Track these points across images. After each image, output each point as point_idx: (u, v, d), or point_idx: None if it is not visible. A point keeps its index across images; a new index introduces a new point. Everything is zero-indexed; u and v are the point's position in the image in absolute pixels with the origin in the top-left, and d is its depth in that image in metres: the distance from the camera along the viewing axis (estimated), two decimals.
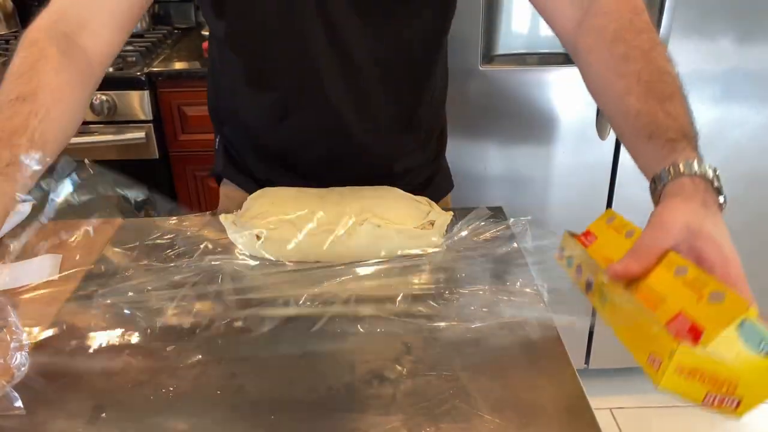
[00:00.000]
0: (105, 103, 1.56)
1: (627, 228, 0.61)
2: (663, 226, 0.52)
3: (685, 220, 0.51)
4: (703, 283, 0.46)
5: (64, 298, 0.70)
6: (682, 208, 0.53)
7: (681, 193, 0.54)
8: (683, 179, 0.55)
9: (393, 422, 0.54)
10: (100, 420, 0.54)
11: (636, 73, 0.63)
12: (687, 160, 0.56)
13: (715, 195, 0.55)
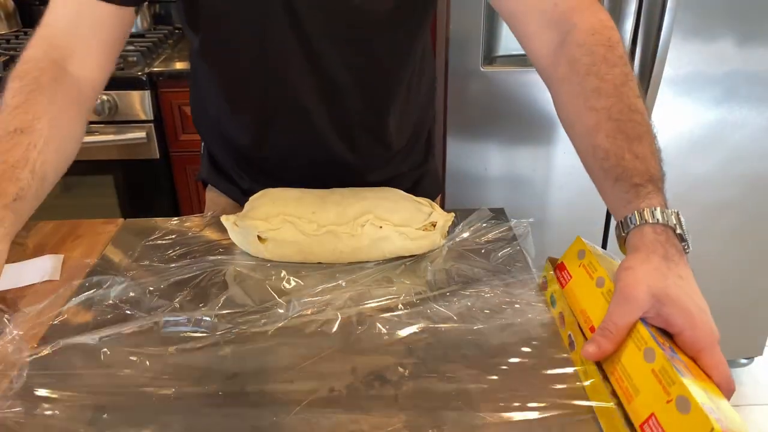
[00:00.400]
0: (106, 102, 1.56)
1: (597, 273, 0.63)
2: (628, 300, 0.53)
3: (648, 287, 0.53)
4: (670, 380, 0.48)
5: (65, 298, 0.70)
6: (644, 272, 0.54)
7: (642, 246, 0.56)
8: (645, 228, 0.57)
9: (395, 424, 0.53)
10: (102, 421, 0.54)
11: (607, 110, 0.63)
12: (650, 207, 0.57)
13: (677, 242, 0.56)
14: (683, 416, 0.45)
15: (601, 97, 0.64)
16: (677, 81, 1.46)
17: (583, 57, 0.67)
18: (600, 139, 0.62)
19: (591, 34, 0.68)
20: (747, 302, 1.73)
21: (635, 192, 0.59)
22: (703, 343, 0.52)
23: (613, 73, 0.65)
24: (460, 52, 1.43)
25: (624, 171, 0.60)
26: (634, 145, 0.61)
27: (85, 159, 1.62)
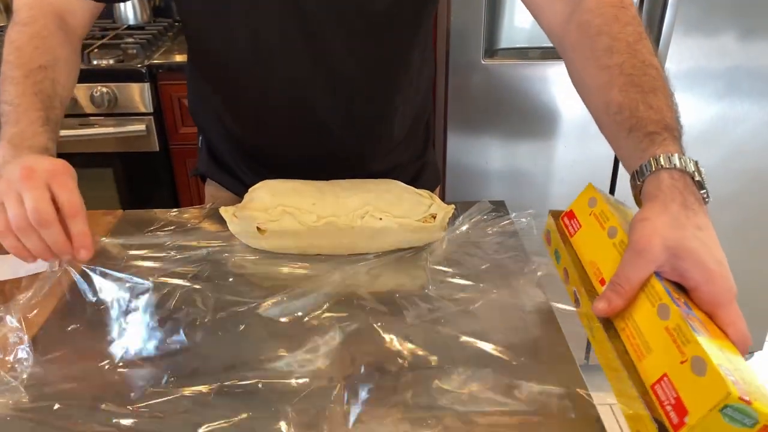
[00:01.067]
0: (105, 95, 1.55)
1: (609, 223, 0.60)
2: (642, 254, 0.51)
3: (663, 239, 0.50)
4: (685, 338, 0.45)
5: (63, 289, 0.70)
6: (661, 223, 0.51)
7: (659, 193, 0.53)
8: (662, 174, 0.54)
9: (394, 414, 0.53)
10: (100, 411, 0.54)
11: (619, 66, 0.62)
12: (666, 153, 0.55)
13: (696, 190, 0.54)
14: (698, 378, 0.42)
15: (613, 55, 0.62)
16: (679, 76, 1.46)
17: (594, 19, 0.66)
18: (613, 94, 0.60)
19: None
20: (748, 297, 1.71)
21: (650, 140, 0.56)
22: (721, 298, 0.49)
23: (625, 31, 0.64)
24: (461, 45, 1.43)
25: (638, 121, 0.58)
26: (649, 97, 0.59)
27: (85, 151, 1.63)
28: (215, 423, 0.52)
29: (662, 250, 0.50)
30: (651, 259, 0.50)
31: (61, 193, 0.64)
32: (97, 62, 1.58)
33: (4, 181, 0.64)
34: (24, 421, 0.53)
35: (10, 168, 0.65)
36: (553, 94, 1.48)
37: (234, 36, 0.78)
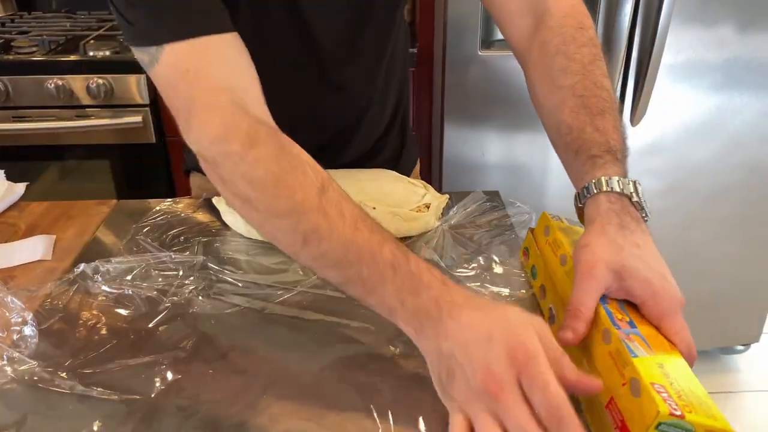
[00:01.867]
0: (102, 86, 1.55)
1: (560, 251, 0.63)
2: (589, 280, 0.53)
3: (606, 263, 0.52)
4: (623, 361, 0.47)
5: (57, 278, 0.70)
6: (600, 247, 0.53)
7: (597, 216, 0.56)
8: (600, 197, 0.57)
9: (386, 400, 0.53)
10: (91, 398, 0.54)
11: (571, 87, 0.64)
12: (605, 176, 0.57)
13: (634, 210, 0.56)
14: (635, 399, 0.45)
15: (567, 75, 0.64)
16: (676, 67, 1.45)
17: (553, 38, 0.68)
18: (565, 116, 0.63)
19: (562, 17, 0.69)
20: (745, 289, 1.73)
21: (592, 163, 0.59)
22: (665, 310, 0.52)
23: (581, 52, 0.66)
24: (457, 37, 1.42)
25: (583, 143, 0.60)
26: (597, 119, 0.61)
27: (81, 143, 1.62)
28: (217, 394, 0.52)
29: (607, 273, 0.52)
30: (598, 284, 0.53)
31: (532, 392, 0.45)
32: (94, 53, 1.58)
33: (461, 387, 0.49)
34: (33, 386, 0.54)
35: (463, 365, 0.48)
36: None
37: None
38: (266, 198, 0.56)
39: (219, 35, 0.61)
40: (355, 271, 0.53)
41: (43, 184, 1.70)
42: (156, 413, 0.52)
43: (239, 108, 0.59)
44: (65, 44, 1.65)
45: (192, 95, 0.59)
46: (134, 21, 0.61)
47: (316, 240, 0.54)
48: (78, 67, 1.54)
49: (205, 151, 0.59)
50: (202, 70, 0.60)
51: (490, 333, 0.48)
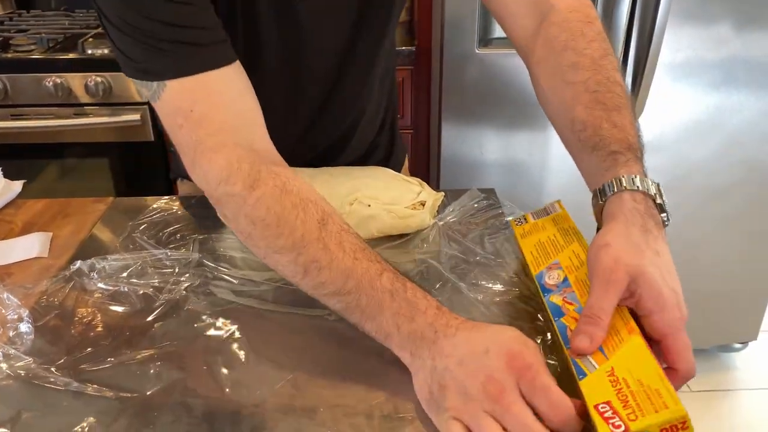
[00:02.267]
0: (100, 84, 1.55)
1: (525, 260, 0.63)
2: (610, 284, 0.50)
3: (626, 267, 0.50)
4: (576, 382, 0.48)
5: (53, 275, 0.70)
6: (622, 250, 0.51)
7: (620, 214, 0.54)
8: (624, 195, 0.55)
9: (379, 398, 0.54)
10: (86, 395, 0.54)
11: (584, 82, 0.62)
12: (629, 174, 0.55)
13: (656, 213, 0.55)
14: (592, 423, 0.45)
15: (578, 71, 0.63)
16: (674, 65, 1.45)
17: (560, 34, 0.66)
18: (578, 112, 0.61)
19: (569, 12, 0.68)
20: (742, 287, 1.73)
21: (613, 159, 0.57)
22: (670, 328, 0.50)
23: (591, 47, 0.64)
24: (455, 34, 1.42)
25: (601, 140, 0.58)
26: (613, 115, 0.59)
27: (80, 141, 1.62)
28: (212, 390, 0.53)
29: (624, 276, 0.50)
30: (618, 288, 0.50)
31: (536, 396, 0.47)
32: (92, 52, 1.58)
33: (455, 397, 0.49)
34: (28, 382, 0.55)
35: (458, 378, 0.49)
36: None
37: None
38: (268, 236, 0.58)
39: (221, 69, 0.62)
40: (353, 299, 0.55)
41: (42, 183, 1.70)
42: (151, 409, 0.53)
43: (243, 148, 0.61)
44: (64, 42, 1.65)
45: (198, 137, 0.61)
46: (133, 56, 0.61)
47: (316, 270, 0.56)
48: (76, 65, 1.54)
49: (211, 191, 0.61)
50: (207, 111, 0.61)
51: (486, 347, 0.50)
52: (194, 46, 0.61)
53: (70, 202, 0.86)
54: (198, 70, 0.60)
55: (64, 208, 0.85)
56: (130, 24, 0.59)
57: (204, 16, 0.62)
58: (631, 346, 0.48)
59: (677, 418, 0.42)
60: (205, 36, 0.61)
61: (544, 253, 0.64)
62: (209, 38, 0.62)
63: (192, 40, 0.60)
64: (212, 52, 0.62)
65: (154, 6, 0.58)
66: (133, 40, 0.59)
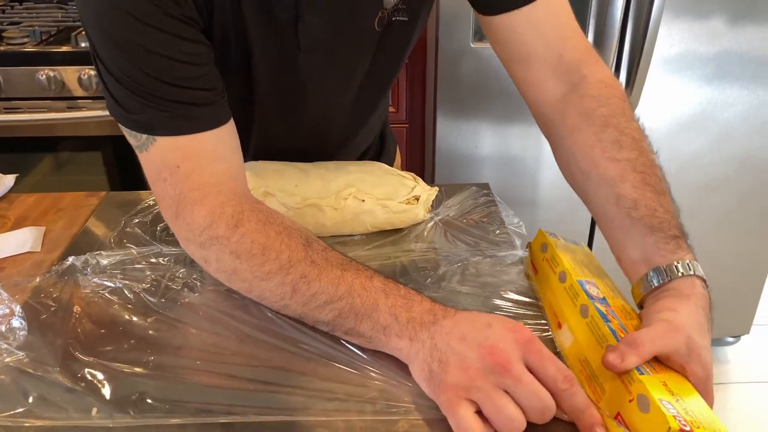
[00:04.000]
0: (93, 78, 1.54)
1: (559, 268, 0.62)
2: (672, 335, 0.50)
3: (689, 337, 0.50)
4: (630, 378, 0.48)
5: (46, 270, 0.70)
6: (690, 321, 0.52)
7: (692, 296, 0.54)
8: (695, 280, 0.55)
9: (371, 392, 0.54)
10: (79, 391, 0.54)
11: (630, 161, 0.62)
12: (693, 261, 0.57)
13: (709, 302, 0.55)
14: (644, 415, 0.45)
15: (623, 149, 0.63)
16: (668, 59, 1.46)
17: (599, 108, 0.66)
18: (626, 189, 0.60)
19: (604, 87, 0.68)
20: (735, 281, 1.74)
21: (676, 243, 0.57)
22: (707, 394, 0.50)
23: (631, 126, 0.64)
24: (450, 29, 1.42)
25: (662, 222, 0.58)
26: (662, 199, 0.60)
27: (73, 135, 1.62)
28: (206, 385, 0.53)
29: (684, 343, 0.50)
30: (675, 343, 0.50)
31: (545, 365, 0.48)
32: (86, 45, 1.56)
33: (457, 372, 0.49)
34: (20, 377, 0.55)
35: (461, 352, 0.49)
36: None
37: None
38: (253, 265, 0.59)
39: (215, 130, 0.62)
40: (346, 303, 0.56)
41: (35, 177, 1.69)
42: (144, 404, 0.53)
43: (226, 194, 0.62)
44: (57, 35, 1.64)
45: (182, 191, 0.61)
46: (126, 105, 0.60)
47: (305, 285, 0.57)
48: (70, 58, 1.53)
49: (195, 237, 0.62)
50: (194, 168, 0.62)
51: (487, 322, 0.51)
52: (192, 105, 0.61)
53: (63, 197, 0.85)
54: (192, 131, 0.61)
55: (57, 203, 0.84)
56: (129, 76, 0.58)
57: (206, 76, 0.62)
58: (676, 375, 0.50)
59: None
60: (204, 97, 0.62)
61: (580, 269, 0.63)
62: (208, 99, 0.62)
63: (190, 100, 0.61)
64: (208, 114, 0.62)
65: (157, 64, 0.58)
66: (129, 92, 0.59)
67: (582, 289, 0.58)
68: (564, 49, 0.70)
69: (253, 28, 0.66)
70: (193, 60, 0.60)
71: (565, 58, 0.70)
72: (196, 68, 0.61)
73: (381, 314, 0.54)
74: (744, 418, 1.73)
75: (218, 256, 0.61)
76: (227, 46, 0.66)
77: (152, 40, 0.57)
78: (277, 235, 0.59)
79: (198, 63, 0.61)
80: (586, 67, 0.69)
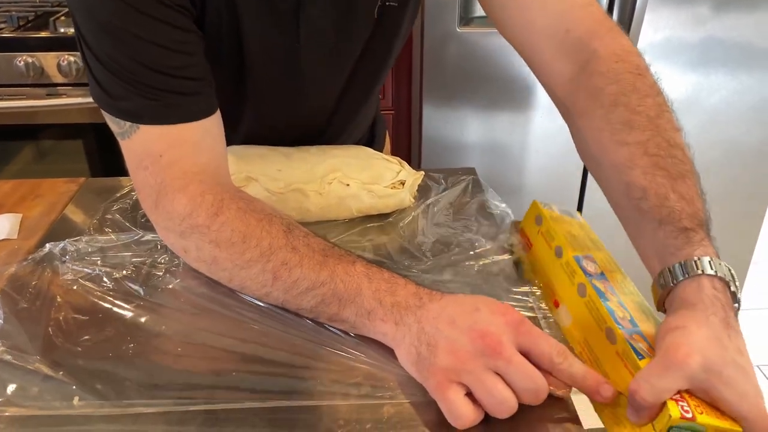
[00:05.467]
0: (73, 64, 1.52)
1: (555, 242, 0.61)
2: (674, 367, 0.43)
3: (704, 359, 0.43)
4: (633, 363, 0.47)
5: (23, 258, 0.68)
6: (701, 338, 0.44)
7: (699, 302, 0.47)
8: (703, 281, 0.48)
9: (356, 377, 0.53)
10: (57, 378, 0.53)
11: (641, 144, 0.56)
12: (706, 256, 0.49)
13: (733, 303, 0.48)
14: None
15: (633, 131, 0.56)
16: (654, 45, 1.46)
17: (607, 86, 0.60)
18: (635, 176, 0.54)
19: (615, 62, 0.61)
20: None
21: (686, 237, 0.50)
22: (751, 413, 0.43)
23: (645, 103, 0.58)
24: (436, 13, 1.41)
25: (670, 213, 0.52)
26: (678, 184, 0.53)
27: (53, 122, 1.59)
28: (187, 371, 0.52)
29: (700, 370, 0.43)
30: (684, 376, 0.43)
31: (537, 343, 0.47)
32: (65, 30, 1.54)
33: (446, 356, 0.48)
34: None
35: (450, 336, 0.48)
36: None
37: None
38: (234, 253, 0.58)
39: (200, 121, 0.61)
40: (329, 289, 0.54)
41: (16, 165, 1.67)
42: (126, 392, 0.52)
43: (207, 183, 0.61)
44: (35, 21, 1.61)
45: (163, 180, 0.60)
46: (110, 91, 0.59)
47: (287, 271, 0.56)
48: (48, 44, 1.50)
49: (174, 227, 0.61)
50: (177, 158, 0.60)
51: (475, 306, 0.50)
52: (178, 95, 0.59)
53: (40, 183, 0.84)
54: (177, 121, 0.60)
55: (34, 189, 0.82)
56: (115, 62, 0.57)
57: (195, 66, 0.61)
58: None
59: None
60: (192, 86, 0.60)
61: (576, 243, 0.60)
62: (196, 89, 0.60)
63: (178, 89, 0.59)
64: (195, 104, 0.61)
65: (145, 50, 0.56)
66: (115, 78, 0.58)
67: (579, 266, 0.56)
68: (570, 22, 0.64)
69: (249, 17, 0.64)
70: (183, 48, 0.59)
71: (571, 32, 0.64)
72: (185, 57, 0.59)
73: (365, 299, 0.53)
74: None
75: (198, 245, 0.60)
76: (219, 35, 0.65)
77: (142, 26, 0.56)
78: (258, 223, 0.58)
79: (188, 52, 0.60)
80: (597, 40, 0.63)
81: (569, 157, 1.59)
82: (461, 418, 0.46)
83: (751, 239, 1.73)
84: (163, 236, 0.64)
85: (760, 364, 1.81)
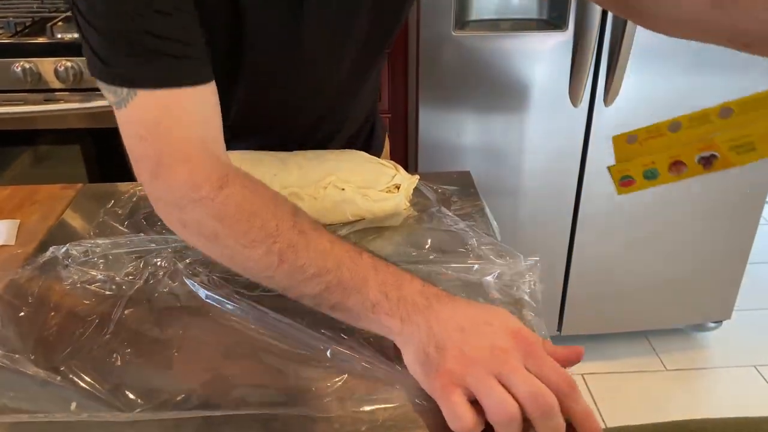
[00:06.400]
0: (71, 69, 1.52)
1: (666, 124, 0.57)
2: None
3: None
4: None
5: (20, 263, 0.69)
6: None
7: None
8: None
9: (352, 381, 0.53)
10: (54, 383, 0.53)
11: None
12: None
13: None
14: None
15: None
16: (646, 47, 1.46)
17: None
18: None
19: None
20: (716, 266, 1.76)
21: None
22: None
23: None
24: (431, 17, 1.42)
25: None
26: None
27: (50, 128, 1.59)
28: (184, 375, 0.52)
29: None
30: None
31: (544, 369, 0.47)
32: (62, 36, 1.54)
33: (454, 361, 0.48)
34: None
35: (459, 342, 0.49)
36: (525, 66, 1.47)
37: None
38: (237, 231, 0.56)
39: (197, 87, 0.60)
40: (334, 277, 0.54)
41: (13, 171, 1.67)
42: (123, 397, 0.52)
43: (208, 155, 0.59)
44: (32, 26, 1.61)
45: (161, 149, 0.58)
46: (106, 59, 0.58)
47: (293, 254, 0.54)
48: (46, 49, 1.51)
49: (175, 200, 0.58)
50: (173, 127, 0.59)
51: (487, 320, 0.50)
52: (175, 58, 0.59)
53: (38, 189, 0.84)
54: (174, 84, 0.59)
55: (32, 195, 0.83)
56: (111, 28, 0.56)
57: (190, 30, 0.60)
58: None
59: None
60: (188, 51, 0.60)
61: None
62: (191, 53, 0.60)
63: (174, 52, 0.58)
64: (192, 69, 0.60)
65: (140, 14, 0.56)
66: (111, 44, 0.57)
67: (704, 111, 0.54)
68: None
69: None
70: (178, 12, 0.58)
71: None
72: (180, 20, 0.58)
73: (371, 290, 0.53)
74: (726, 402, 1.75)
75: (199, 219, 0.57)
76: (217, 10, 0.64)
77: None
78: (264, 202, 0.57)
79: (183, 14, 0.59)
80: None
81: (566, 159, 1.60)
82: (461, 419, 0.46)
83: (746, 239, 1.74)
84: (159, 209, 0.61)
85: (760, 364, 1.82)
